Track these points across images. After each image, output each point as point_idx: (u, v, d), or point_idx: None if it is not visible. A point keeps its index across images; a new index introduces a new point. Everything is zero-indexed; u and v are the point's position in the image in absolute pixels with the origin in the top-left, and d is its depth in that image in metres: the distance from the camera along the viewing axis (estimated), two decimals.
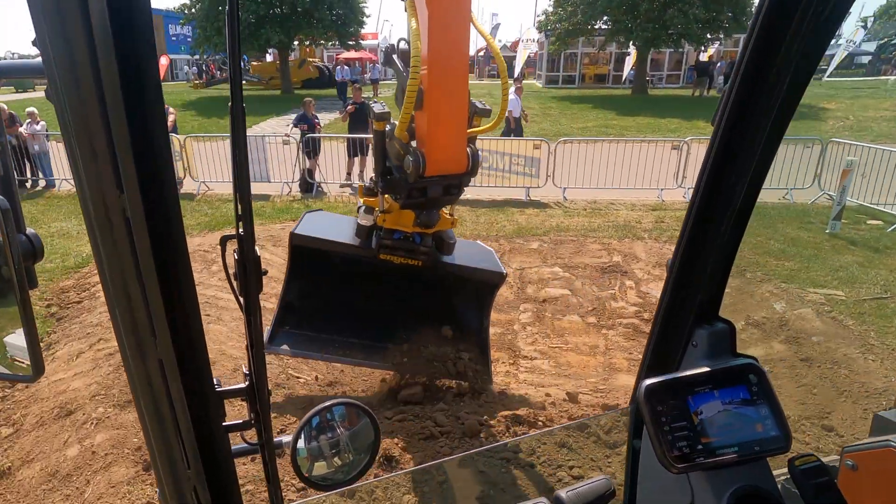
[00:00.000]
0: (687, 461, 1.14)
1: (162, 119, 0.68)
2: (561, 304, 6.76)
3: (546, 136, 14.53)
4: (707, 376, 1.20)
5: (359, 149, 11.90)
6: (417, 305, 4.48)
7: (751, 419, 1.18)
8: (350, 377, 5.14)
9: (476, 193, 11.25)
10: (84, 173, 0.67)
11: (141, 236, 0.69)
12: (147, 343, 0.77)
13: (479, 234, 9.01)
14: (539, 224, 9.64)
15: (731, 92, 1.10)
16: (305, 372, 5.20)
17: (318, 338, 4.39)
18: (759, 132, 1.13)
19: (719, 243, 1.24)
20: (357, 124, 11.88)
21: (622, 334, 6.03)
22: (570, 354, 5.67)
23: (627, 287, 7.12)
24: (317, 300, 4.46)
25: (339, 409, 1.19)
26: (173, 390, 0.80)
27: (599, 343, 5.88)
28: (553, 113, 23.37)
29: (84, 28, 0.59)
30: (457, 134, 3.50)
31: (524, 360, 5.58)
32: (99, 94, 0.62)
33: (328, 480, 1.18)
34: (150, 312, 0.74)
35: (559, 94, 30.60)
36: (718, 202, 1.21)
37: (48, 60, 0.62)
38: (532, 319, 6.41)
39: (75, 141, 0.65)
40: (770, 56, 1.04)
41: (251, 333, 0.90)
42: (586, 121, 21.31)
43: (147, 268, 0.71)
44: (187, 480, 0.89)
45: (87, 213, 0.69)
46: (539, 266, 7.81)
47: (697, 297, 1.29)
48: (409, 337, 4.38)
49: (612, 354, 5.66)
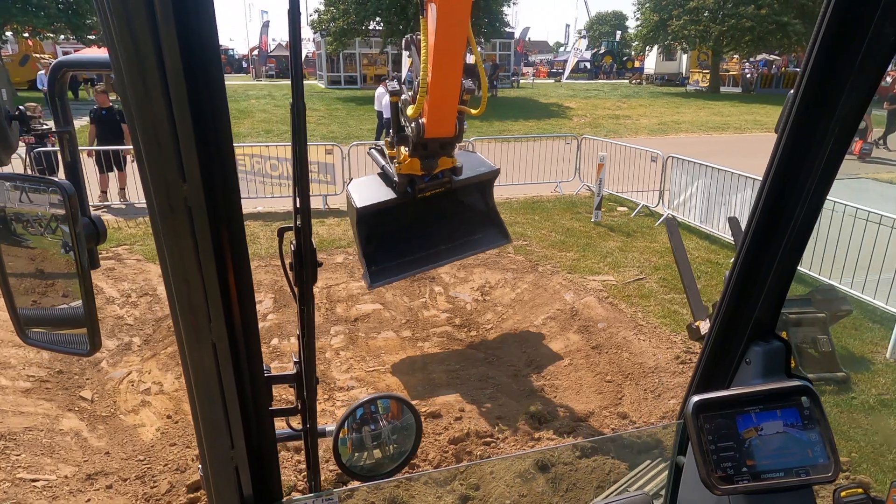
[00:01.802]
0: (730, 483, 1.11)
1: (224, 111, 0.71)
2: (374, 320, 6.55)
3: (337, 140, 14.15)
4: (758, 396, 1.17)
5: (113, 162, 10.08)
6: (449, 214, 6.10)
7: (800, 444, 1.13)
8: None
9: (269, 205, 10.42)
10: (148, 162, 0.70)
11: (201, 224, 0.73)
12: (202, 327, 0.80)
13: (275, 251, 8.31)
14: (342, 235, 9.28)
15: (794, 105, 1.05)
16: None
17: (402, 261, 5.75)
18: (823, 147, 1.08)
19: (779, 258, 1.19)
20: (106, 135, 10.05)
21: (437, 345, 6.05)
22: (388, 377, 5.49)
23: (437, 293, 7.21)
24: (386, 239, 5.77)
25: (383, 402, 1.22)
26: (224, 373, 0.84)
27: (417, 358, 5.81)
28: (340, 115, 23.02)
29: (149, 23, 0.63)
30: (449, 113, 4.88)
31: (340, 392, 5.23)
32: (164, 87, 0.65)
33: (367, 471, 1.20)
34: (206, 297, 0.78)
35: (343, 94, 30.30)
36: (779, 217, 1.16)
37: (115, 54, 0.66)
38: (345, 343, 6.07)
39: (140, 131, 0.69)
40: (836, 73, 1.01)
41: (304, 322, 0.94)
42: (373, 122, 21.40)
43: (206, 254, 0.75)
44: (230, 461, 0.91)
45: (150, 201, 0.73)
46: (347, 282, 7.47)
47: (754, 313, 1.24)
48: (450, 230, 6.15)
49: (430, 369, 5.63)
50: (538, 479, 3.71)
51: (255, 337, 0.86)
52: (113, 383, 5.21)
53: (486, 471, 3.81)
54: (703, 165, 9.15)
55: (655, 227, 9.67)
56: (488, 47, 35.26)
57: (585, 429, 4.58)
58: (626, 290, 7.09)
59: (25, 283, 0.96)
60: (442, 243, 6.01)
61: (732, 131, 21.65)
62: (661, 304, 6.71)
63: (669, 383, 5.15)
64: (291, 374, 1.01)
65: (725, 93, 35.74)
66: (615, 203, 11.12)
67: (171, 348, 5.78)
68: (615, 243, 8.85)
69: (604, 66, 49.75)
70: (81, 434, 4.51)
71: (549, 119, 23.60)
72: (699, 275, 7.13)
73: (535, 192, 11.65)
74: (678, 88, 38.33)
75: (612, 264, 7.95)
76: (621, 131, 20.73)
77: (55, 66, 1.12)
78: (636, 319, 6.30)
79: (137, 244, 8.47)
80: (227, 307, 0.79)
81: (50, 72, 1.12)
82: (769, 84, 37.29)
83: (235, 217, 0.76)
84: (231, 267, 0.78)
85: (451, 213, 6.12)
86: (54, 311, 0.98)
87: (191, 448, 4.39)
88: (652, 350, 5.68)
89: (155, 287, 7.04)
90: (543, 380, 5.38)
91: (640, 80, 42.03)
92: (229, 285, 0.78)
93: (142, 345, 5.88)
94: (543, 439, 4.51)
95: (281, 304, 6.74)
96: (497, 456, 4.28)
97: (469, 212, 6.21)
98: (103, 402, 4.95)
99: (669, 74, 41.72)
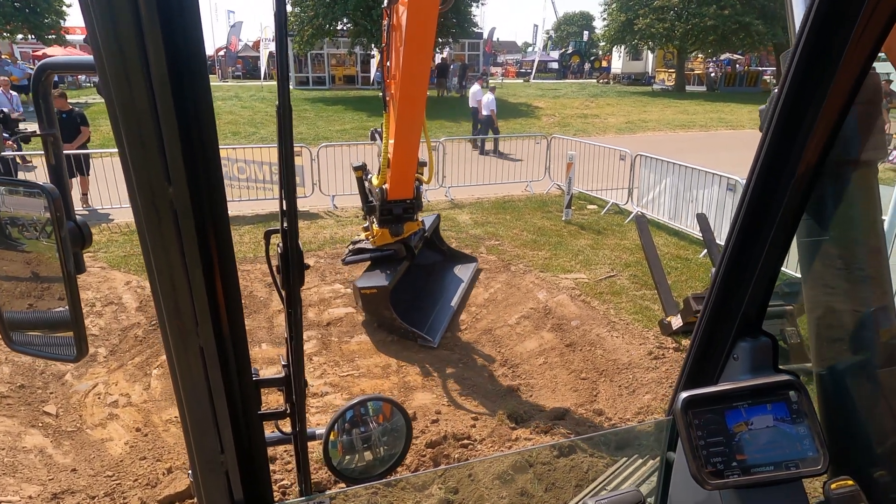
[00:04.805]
0: (721, 477, 1.12)
1: (210, 113, 0.70)
2: (346, 324, 6.48)
3: (305, 142, 13.98)
4: (746, 391, 1.18)
5: (75, 167, 9.76)
6: (430, 260, 7.39)
7: (789, 438, 1.14)
8: None
9: (236, 209, 10.22)
10: (133, 165, 0.70)
11: (187, 227, 0.73)
12: (189, 331, 0.80)
13: (242, 256, 8.16)
14: (312, 237, 9.16)
15: (779, 101, 1.05)
16: None
17: (436, 310, 6.58)
18: (808, 144, 1.09)
19: (765, 254, 1.20)
20: (66, 139, 9.71)
21: (411, 347, 6.02)
22: (362, 381, 5.44)
23: None
24: (409, 303, 6.50)
25: (373, 405, 1.23)
26: (212, 377, 0.84)
27: (391, 361, 5.77)
28: (309, 116, 22.74)
29: (134, 24, 0.62)
30: (408, 179, 5.97)
31: (314, 398, 5.16)
32: (148, 89, 0.65)
33: (358, 473, 1.20)
34: (193, 301, 0.77)
35: (311, 95, 29.95)
36: (765, 213, 1.17)
37: (99, 56, 0.65)
38: (318, 348, 6.00)
39: (124, 133, 0.68)
40: (819, 68, 1.01)
41: (291, 325, 0.94)
42: (343, 123, 21.25)
43: (192, 257, 0.75)
44: (220, 465, 0.91)
45: (135, 204, 0.73)
46: (318, 285, 7.38)
47: (741, 309, 1.25)
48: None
49: (405, 371, 5.60)
50: (532, 478, 3.73)
51: (242, 340, 0.86)
52: (78, 396, 5.04)
53: (464, 474, 3.80)
54: (670, 163, 9.32)
55: (625, 224, 9.82)
56: (457, 47, 35.28)
57: (562, 427, 4.62)
58: (599, 287, 7.18)
59: (10, 287, 0.96)
60: (440, 283, 7.06)
61: (698, 129, 22.13)
62: (633, 300, 6.81)
63: (643, 379, 5.23)
64: (280, 378, 1.00)
65: (691, 91, 36.53)
66: (585, 201, 11.26)
67: (139, 358, 5.62)
68: (586, 241, 8.96)
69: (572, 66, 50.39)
70: (46, 451, 4.35)
71: (519, 119, 23.75)
72: (669, 271, 7.26)
73: (506, 191, 11.71)
74: (645, 87, 39.01)
75: (584, 262, 8.04)
76: (590, 130, 21.00)
77: (39, 68, 1.12)
78: (609, 316, 6.38)
79: (101, 251, 8.21)
80: (214, 310, 0.79)
81: (34, 74, 1.11)
82: (733, 82, 38.27)
83: (221, 219, 0.76)
84: (218, 270, 0.78)
85: (432, 260, 7.30)
86: (40, 317, 0.98)
87: (161, 461, 4.27)
88: (625, 346, 5.76)
89: (120, 296, 6.84)
90: (519, 379, 5.41)
91: (608, 80, 42.67)
92: (216, 288, 0.78)
93: (108, 355, 5.70)
94: (521, 439, 4.53)
95: (251, 311, 6.62)
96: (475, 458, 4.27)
97: (438, 253, 7.53)
98: (68, 417, 4.78)
99: (636, 74, 42.44)
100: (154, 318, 6.35)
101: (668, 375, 5.26)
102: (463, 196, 11.46)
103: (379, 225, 6.13)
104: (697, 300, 5.45)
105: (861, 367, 1.32)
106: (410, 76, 5.26)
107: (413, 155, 5.77)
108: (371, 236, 6.28)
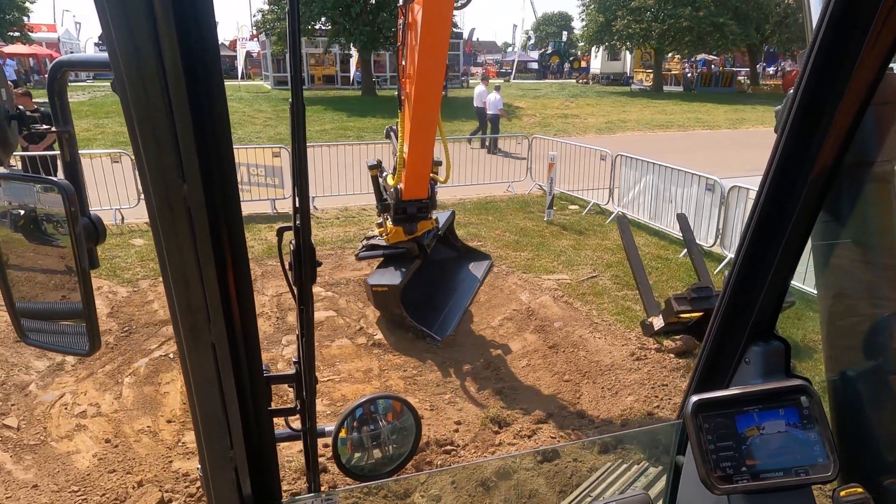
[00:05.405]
0: (730, 482, 1.11)
1: (224, 111, 0.71)
2: (327, 328, 6.35)
3: (285, 143, 13.76)
4: (757, 396, 1.17)
5: (41, 168, 9.42)
6: (444, 258, 7.28)
7: (799, 443, 1.12)
8: None
9: None
10: (147, 163, 0.70)
11: (200, 224, 0.73)
12: (202, 327, 0.81)
13: None
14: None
15: (794, 102, 1.03)
16: None
17: (446, 309, 6.49)
18: (822, 148, 1.07)
19: (779, 257, 1.19)
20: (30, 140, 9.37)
21: (391, 351, 5.91)
22: (344, 386, 5.32)
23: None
24: (420, 302, 6.44)
25: (383, 403, 1.22)
26: (224, 374, 0.85)
27: (373, 365, 5.67)
28: (287, 116, 22.43)
29: (149, 23, 0.63)
30: (423, 179, 5.92)
31: None
32: (163, 87, 0.66)
33: (367, 471, 1.20)
34: (206, 298, 0.78)
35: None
36: (779, 217, 1.15)
37: (114, 54, 0.66)
38: None
39: (139, 131, 0.69)
40: (835, 68, 0.99)
41: (303, 322, 0.95)
42: (323, 123, 21.01)
43: (205, 255, 0.75)
44: (229, 461, 0.92)
45: (150, 201, 0.73)
46: None
47: (753, 313, 1.24)
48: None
49: (387, 376, 5.50)
50: (538, 480, 3.67)
51: (254, 337, 0.86)
52: (43, 408, 4.83)
53: (446, 480, 3.72)
54: (650, 163, 9.36)
55: (606, 224, 9.83)
56: None
57: (546, 431, 4.56)
58: (581, 288, 7.16)
59: (25, 283, 0.97)
60: (453, 280, 7.04)
61: (676, 129, 22.38)
62: (615, 301, 6.80)
63: (626, 380, 5.20)
64: (290, 375, 1.01)
65: (668, 91, 36.98)
66: (567, 202, 11.26)
67: (110, 366, 5.42)
68: (568, 242, 8.94)
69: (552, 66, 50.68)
70: (5, 467, 4.14)
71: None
72: (650, 271, 7.26)
73: (488, 192, 11.66)
74: (623, 88, 39.39)
75: (566, 263, 8.01)
76: (570, 130, 21.08)
77: (55, 66, 1.12)
78: (591, 317, 6.35)
79: None
80: (227, 307, 0.80)
81: (49, 71, 1.11)
82: (708, 83, 38.86)
83: (235, 217, 0.77)
84: (230, 267, 0.78)
85: (445, 257, 7.27)
86: (54, 312, 0.99)
87: (132, 474, 4.11)
88: (608, 347, 5.73)
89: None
90: (502, 382, 5.34)
91: (587, 80, 43.00)
92: (228, 285, 0.79)
93: (76, 364, 5.48)
94: (504, 444, 4.45)
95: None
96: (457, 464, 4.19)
97: (452, 250, 7.44)
98: (31, 430, 4.57)
99: (614, 74, 42.86)
100: (126, 325, 6.16)
101: (650, 377, 5.24)
102: (446, 197, 11.37)
103: (393, 223, 6.09)
104: (679, 301, 5.44)
105: (874, 373, 1.30)
106: (425, 75, 5.23)
107: (428, 155, 5.75)
108: (385, 233, 6.24)
